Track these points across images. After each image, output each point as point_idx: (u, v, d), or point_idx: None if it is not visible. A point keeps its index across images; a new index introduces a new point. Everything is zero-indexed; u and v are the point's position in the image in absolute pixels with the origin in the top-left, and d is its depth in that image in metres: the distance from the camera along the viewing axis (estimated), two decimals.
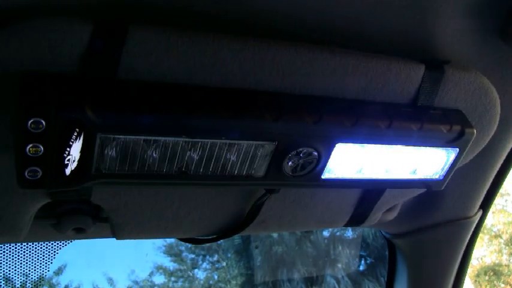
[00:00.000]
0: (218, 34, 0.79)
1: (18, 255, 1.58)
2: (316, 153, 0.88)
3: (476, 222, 1.46)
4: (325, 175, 0.93)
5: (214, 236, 1.14)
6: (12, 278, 1.76)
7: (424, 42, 0.95)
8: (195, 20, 0.78)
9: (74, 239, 1.29)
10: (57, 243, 1.56)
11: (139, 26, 0.74)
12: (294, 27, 0.85)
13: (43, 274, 1.69)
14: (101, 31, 0.71)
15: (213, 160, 0.83)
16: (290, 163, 0.88)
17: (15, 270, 1.63)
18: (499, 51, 1.01)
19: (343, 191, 1.14)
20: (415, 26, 0.91)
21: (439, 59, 0.96)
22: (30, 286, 2.06)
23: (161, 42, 0.75)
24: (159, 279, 4.46)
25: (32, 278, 1.90)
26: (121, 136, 0.75)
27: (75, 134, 0.71)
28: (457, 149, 0.99)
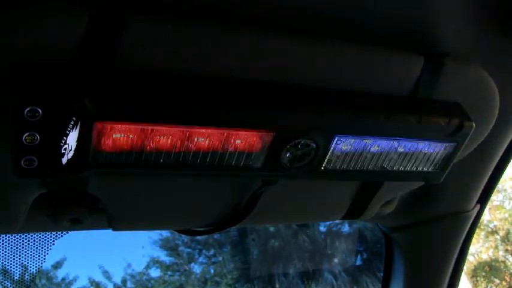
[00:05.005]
0: (217, 23, 0.78)
1: (15, 247, 1.58)
2: (314, 145, 0.88)
3: (473, 216, 1.46)
4: (323, 167, 0.93)
5: (211, 228, 1.14)
6: (9, 270, 1.76)
7: (423, 35, 0.94)
8: (193, 9, 0.78)
9: (70, 230, 1.28)
10: (53, 236, 1.56)
11: (137, 14, 0.73)
12: (293, 17, 0.84)
13: (39, 266, 1.69)
14: (98, 20, 0.71)
15: (211, 150, 0.83)
16: (288, 154, 0.87)
17: (11, 262, 1.63)
18: (498, 45, 1.01)
19: (341, 183, 1.13)
20: (415, 17, 0.91)
21: (438, 51, 0.96)
22: (28, 279, 2.06)
23: (159, 31, 0.74)
24: (155, 272, 4.46)
25: (29, 271, 1.90)
26: (118, 125, 0.75)
27: (72, 123, 0.71)
28: (456, 142, 0.99)
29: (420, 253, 1.55)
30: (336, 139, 0.89)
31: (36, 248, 1.58)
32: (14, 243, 1.58)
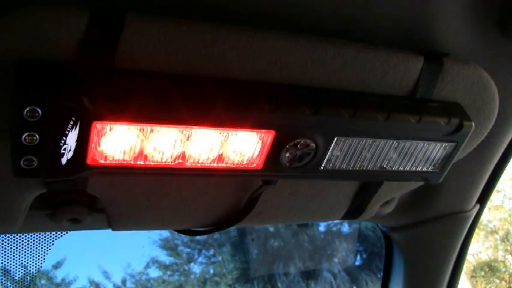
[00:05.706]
0: (216, 24, 0.78)
1: (15, 247, 1.58)
2: (313, 145, 0.88)
3: (473, 216, 1.46)
4: (323, 167, 0.93)
5: (211, 228, 1.14)
6: (9, 270, 1.76)
7: (423, 34, 0.94)
8: (193, 9, 0.78)
9: (70, 230, 1.28)
10: (53, 236, 1.56)
11: (137, 15, 0.73)
12: (293, 17, 0.84)
13: (39, 266, 1.69)
14: (98, 20, 0.71)
15: (210, 150, 0.83)
16: (287, 154, 0.87)
17: (11, 262, 1.63)
18: (498, 44, 1.01)
19: (341, 183, 1.13)
20: (415, 17, 0.91)
21: (438, 51, 0.96)
22: (28, 279, 2.06)
23: (159, 31, 0.74)
24: (154, 272, 4.46)
25: (29, 271, 1.89)
26: (117, 125, 0.75)
27: (71, 123, 0.71)
28: (455, 142, 0.98)
29: (420, 253, 1.55)
30: (336, 139, 0.89)
31: (36, 248, 1.58)
32: (14, 243, 1.58)
